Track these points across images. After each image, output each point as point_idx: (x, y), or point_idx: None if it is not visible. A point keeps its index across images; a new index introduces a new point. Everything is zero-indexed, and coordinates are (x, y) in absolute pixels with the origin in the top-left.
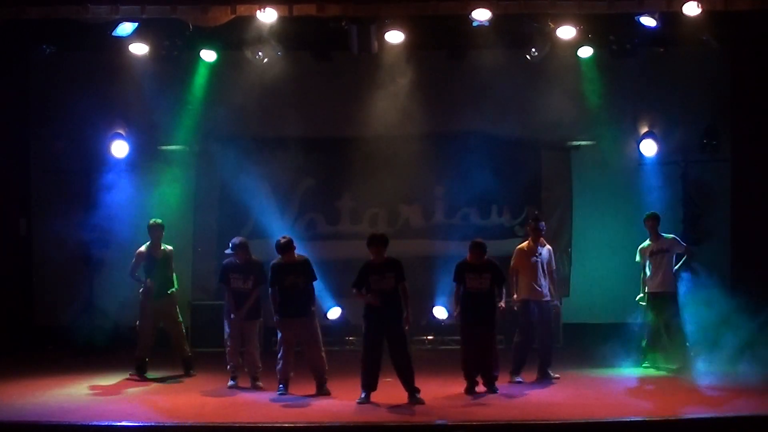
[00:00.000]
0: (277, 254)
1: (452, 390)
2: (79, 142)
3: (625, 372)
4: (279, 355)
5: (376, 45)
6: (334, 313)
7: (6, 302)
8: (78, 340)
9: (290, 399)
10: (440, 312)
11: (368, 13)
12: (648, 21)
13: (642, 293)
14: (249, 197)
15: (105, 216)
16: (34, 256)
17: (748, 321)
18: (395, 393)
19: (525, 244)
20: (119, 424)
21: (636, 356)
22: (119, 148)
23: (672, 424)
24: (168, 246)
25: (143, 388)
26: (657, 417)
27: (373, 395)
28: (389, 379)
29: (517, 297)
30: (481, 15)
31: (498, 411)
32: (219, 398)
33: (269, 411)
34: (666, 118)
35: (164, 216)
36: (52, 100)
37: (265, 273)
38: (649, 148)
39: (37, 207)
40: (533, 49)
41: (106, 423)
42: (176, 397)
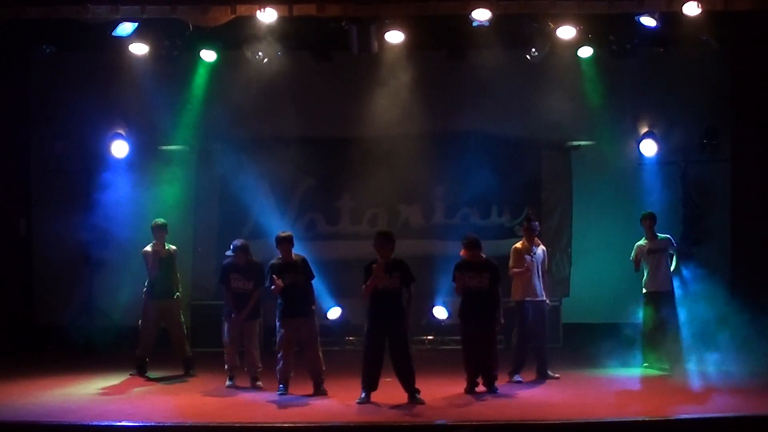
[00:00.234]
0: (277, 251)
1: (452, 390)
2: (79, 142)
3: (625, 372)
4: (279, 355)
5: (376, 45)
6: (334, 313)
7: (6, 302)
8: (78, 340)
9: (290, 399)
10: (440, 312)
11: (368, 13)
12: (648, 21)
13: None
14: (249, 197)
15: (105, 216)
16: (34, 256)
17: (748, 321)
18: (395, 393)
19: (520, 244)
20: (119, 424)
21: (636, 356)
22: (119, 148)
23: (671, 424)
24: (172, 246)
25: (143, 388)
26: (656, 417)
27: (373, 395)
28: (389, 379)
29: (513, 297)
30: (481, 15)
31: (498, 411)
32: (219, 398)
33: (269, 411)
34: (666, 118)
35: (164, 216)
36: (52, 100)
37: (265, 275)
38: (649, 148)
39: (37, 207)
40: (533, 49)
41: (106, 423)
42: (176, 397)
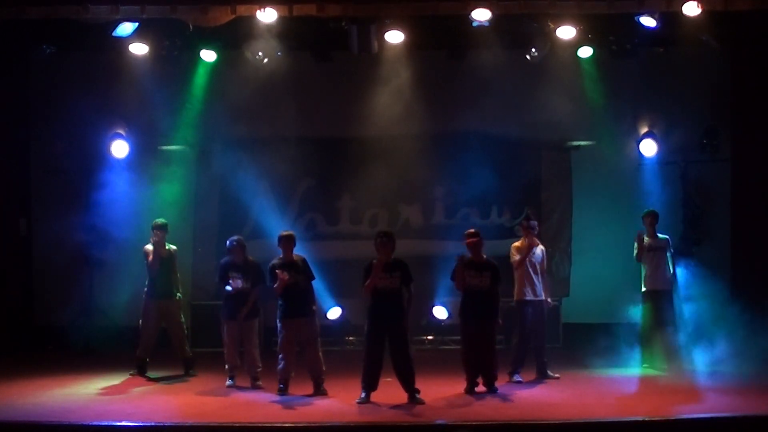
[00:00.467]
0: (276, 251)
1: (452, 390)
2: (79, 142)
3: (625, 372)
4: (280, 356)
5: (376, 45)
6: (334, 313)
7: (6, 302)
8: (78, 340)
9: (290, 399)
10: (440, 312)
11: (368, 13)
12: (648, 21)
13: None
14: (249, 197)
15: (105, 216)
16: (34, 256)
17: (748, 321)
18: (395, 393)
19: (519, 243)
20: (119, 424)
21: (635, 356)
22: (119, 148)
23: (671, 424)
24: (172, 246)
25: (143, 388)
26: (656, 417)
27: (373, 395)
28: (389, 379)
29: (514, 297)
30: (481, 15)
31: (498, 411)
32: (219, 398)
33: (269, 411)
34: (666, 118)
35: (164, 216)
36: (52, 100)
37: (263, 273)
38: (649, 148)
39: (37, 207)
40: (533, 49)
41: (106, 423)
42: (176, 397)
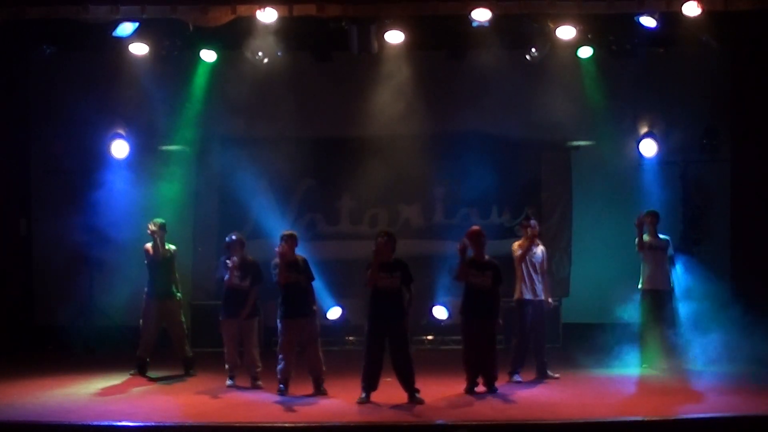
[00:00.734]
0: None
1: (452, 390)
2: (79, 142)
3: (625, 372)
4: (280, 356)
5: (376, 45)
6: (334, 313)
7: (6, 302)
8: (78, 340)
9: (290, 399)
10: (440, 312)
11: (368, 13)
12: (648, 21)
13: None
14: (249, 197)
15: (105, 216)
16: (34, 256)
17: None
18: (395, 393)
19: (520, 242)
20: (119, 424)
21: (635, 356)
22: (119, 148)
23: (671, 424)
24: (172, 246)
25: (143, 388)
26: (657, 417)
27: (373, 395)
28: (389, 379)
29: (514, 296)
30: (481, 15)
31: (498, 411)
32: (219, 398)
33: (269, 411)
34: (666, 118)
35: (164, 216)
36: (52, 100)
37: (262, 272)
38: (649, 148)
39: (37, 207)
40: (533, 49)
41: (106, 423)
42: (176, 397)
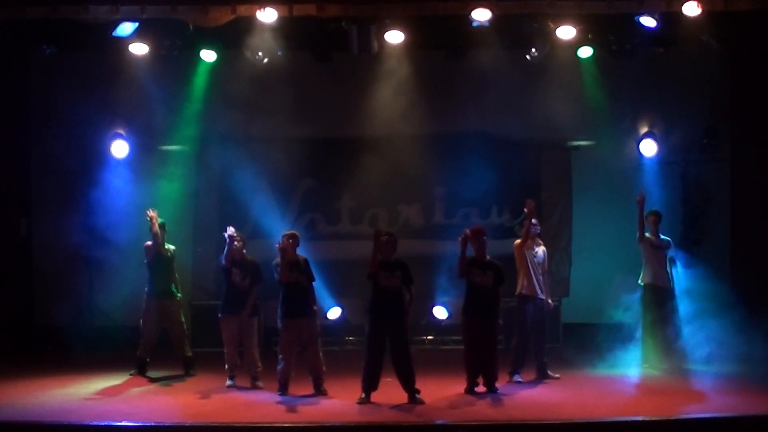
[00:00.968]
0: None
1: (452, 390)
2: (79, 142)
3: (625, 372)
4: (280, 356)
5: (376, 45)
6: (334, 313)
7: (6, 302)
8: (78, 341)
9: (290, 399)
10: (440, 312)
11: (368, 13)
12: (648, 21)
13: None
14: (249, 197)
15: (105, 216)
16: (34, 256)
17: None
18: (395, 393)
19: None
20: (119, 424)
21: (635, 356)
22: (119, 148)
23: (672, 424)
24: (171, 246)
25: (143, 388)
26: (657, 417)
27: (373, 395)
28: (389, 379)
29: (516, 291)
30: (481, 15)
31: (498, 411)
32: (219, 398)
33: (269, 411)
34: (666, 118)
35: (164, 216)
36: (52, 100)
37: (261, 273)
38: (649, 148)
39: (37, 207)
40: (533, 49)
41: (106, 423)
42: (176, 397)
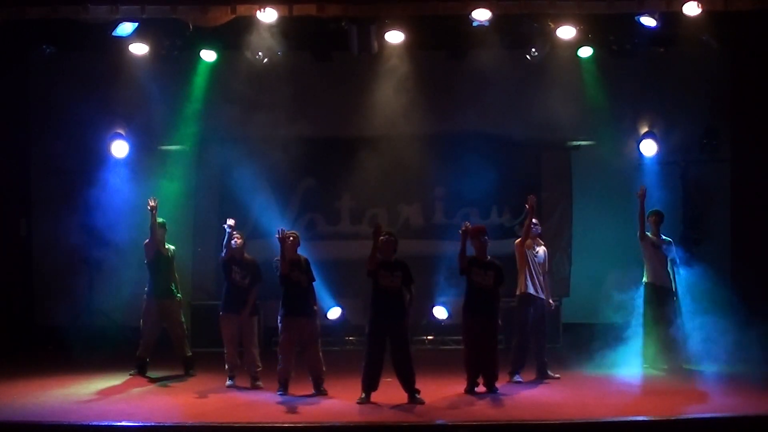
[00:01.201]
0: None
1: (452, 390)
2: (79, 142)
3: (625, 372)
4: (280, 356)
5: (376, 45)
6: (334, 313)
7: (6, 302)
8: (78, 341)
9: (290, 399)
10: (440, 312)
11: (368, 13)
12: (648, 21)
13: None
14: (249, 197)
15: (105, 216)
16: (34, 256)
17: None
18: (395, 393)
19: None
20: (119, 424)
21: (635, 356)
22: (119, 148)
23: (672, 424)
24: (171, 246)
25: (143, 388)
26: (657, 417)
27: (373, 395)
28: (389, 379)
29: (517, 291)
30: (481, 15)
31: (498, 411)
32: (219, 398)
33: (269, 411)
34: (666, 118)
35: (164, 216)
36: (52, 100)
37: (261, 272)
38: (649, 148)
39: (37, 207)
40: (533, 49)
41: (106, 423)
42: (176, 397)
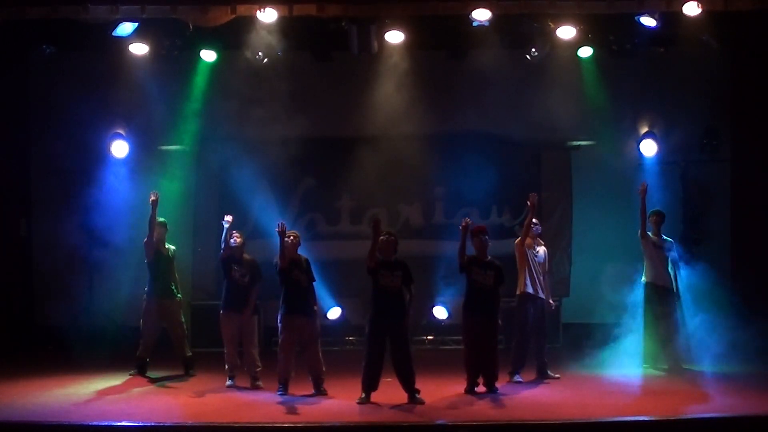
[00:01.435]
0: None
1: (452, 390)
2: (79, 142)
3: (625, 372)
4: (280, 356)
5: (376, 45)
6: (334, 313)
7: (6, 302)
8: (78, 341)
9: (290, 399)
10: (440, 312)
11: (368, 13)
12: (648, 21)
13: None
14: (249, 197)
15: (105, 216)
16: (34, 256)
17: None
18: (395, 393)
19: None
20: (119, 424)
21: (635, 356)
22: (119, 148)
23: (672, 424)
24: (171, 246)
25: (143, 388)
26: (657, 417)
27: (373, 395)
28: (389, 379)
29: (517, 291)
30: (481, 15)
31: (498, 411)
32: (219, 398)
33: (269, 411)
34: (666, 118)
35: (164, 216)
36: (52, 100)
37: (260, 271)
38: (649, 148)
39: (37, 207)
40: (533, 49)
41: (106, 423)
42: (176, 397)
